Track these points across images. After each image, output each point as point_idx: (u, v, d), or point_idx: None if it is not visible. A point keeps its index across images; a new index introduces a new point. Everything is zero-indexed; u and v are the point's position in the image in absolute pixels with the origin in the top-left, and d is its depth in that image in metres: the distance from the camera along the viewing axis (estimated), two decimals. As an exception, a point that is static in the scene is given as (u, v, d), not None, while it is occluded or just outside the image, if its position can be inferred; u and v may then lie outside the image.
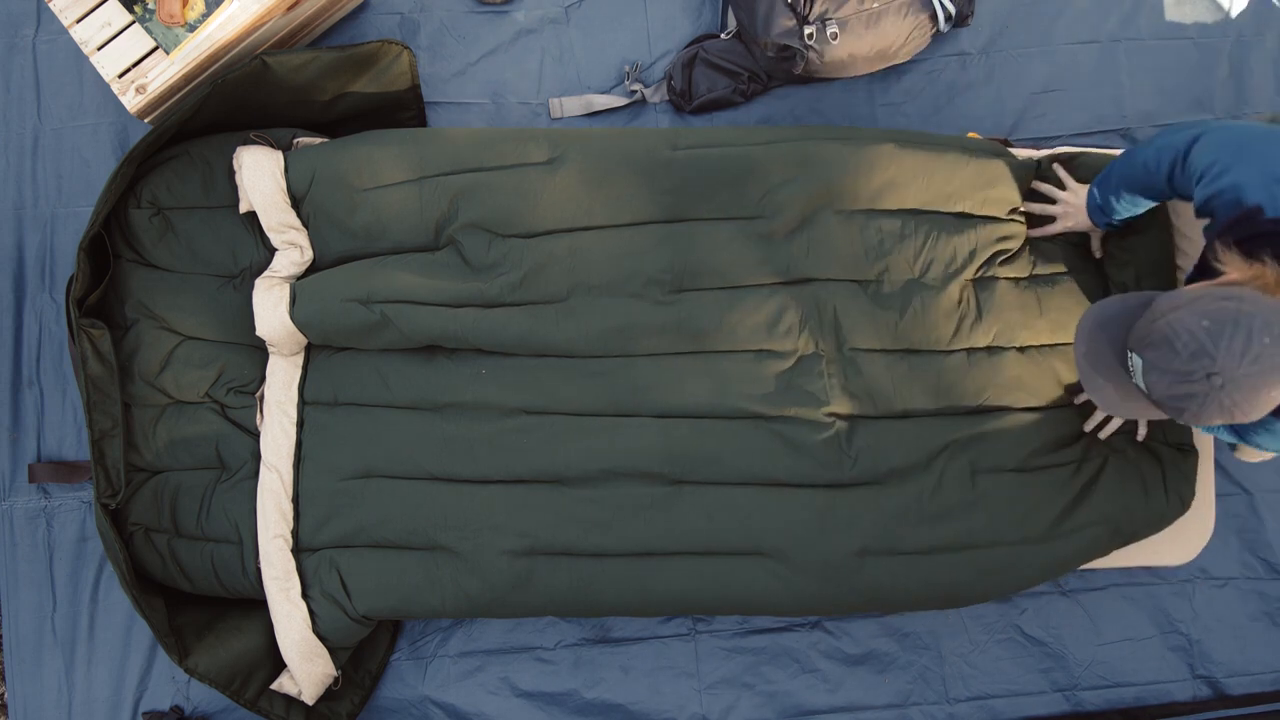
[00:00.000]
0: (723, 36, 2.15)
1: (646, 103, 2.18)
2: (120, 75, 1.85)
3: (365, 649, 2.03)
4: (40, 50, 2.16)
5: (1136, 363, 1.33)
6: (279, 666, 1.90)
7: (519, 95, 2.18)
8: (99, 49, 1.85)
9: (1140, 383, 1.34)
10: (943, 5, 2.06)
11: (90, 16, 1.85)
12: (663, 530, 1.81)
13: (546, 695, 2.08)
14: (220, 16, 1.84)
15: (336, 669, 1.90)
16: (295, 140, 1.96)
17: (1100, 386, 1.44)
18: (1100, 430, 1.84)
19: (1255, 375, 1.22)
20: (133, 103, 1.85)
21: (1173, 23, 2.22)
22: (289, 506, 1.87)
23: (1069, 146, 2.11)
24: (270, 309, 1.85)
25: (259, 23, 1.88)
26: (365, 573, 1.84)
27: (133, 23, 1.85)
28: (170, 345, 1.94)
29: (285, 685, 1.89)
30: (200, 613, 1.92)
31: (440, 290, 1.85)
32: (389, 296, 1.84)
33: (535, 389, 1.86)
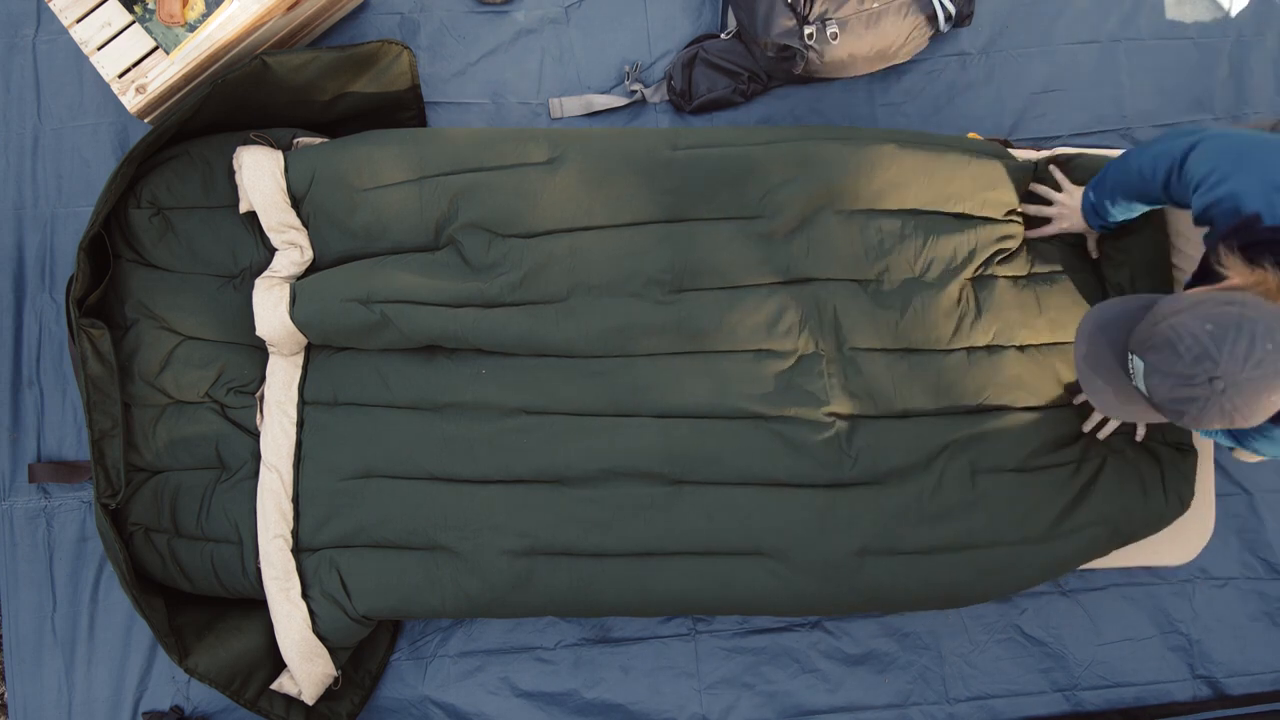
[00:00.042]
0: (723, 36, 2.15)
1: (646, 103, 2.18)
2: (120, 75, 1.85)
3: (365, 649, 2.03)
4: (40, 50, 2.16)
5: (1137, 365, 1.33)
6: (279, 666, 1.90)
7: (519, 95, 2.18)
8: (99, 49, 1.85)
9: (1141, 385, 1.34)
10: (943, 5, 2.06)
11: (90, 16, 1.85)
12: (663, 530, 1.81)
13: (546, 695, 2.08)
14: (220, 16, 1.84)
15: (336, 669, 1.90)
16: (295, 140, 1.96)
17: (1099, 389, 1.44)
18: (1099, 431, 1.84)
19: (1257, 380, 1.23)
20: (133, 103, 1.85)
21: (1173, 23, 2.22)
22: (289, 506, 1.87)
23: (1068, 146, 2.11)
24: (270, 309, 1.85)
25: (259, 23, 1.88)
26: (365, 573, 1.84)
27: (133, 23, 1.85)
28: (170, 345, 1.94)
29: (285, 685, 1.89)
30: (200, 613, 1.92)
31: (440, 290, 1.85)
32: (389, 296, 1.84)
33: (535, 389, 1.86)
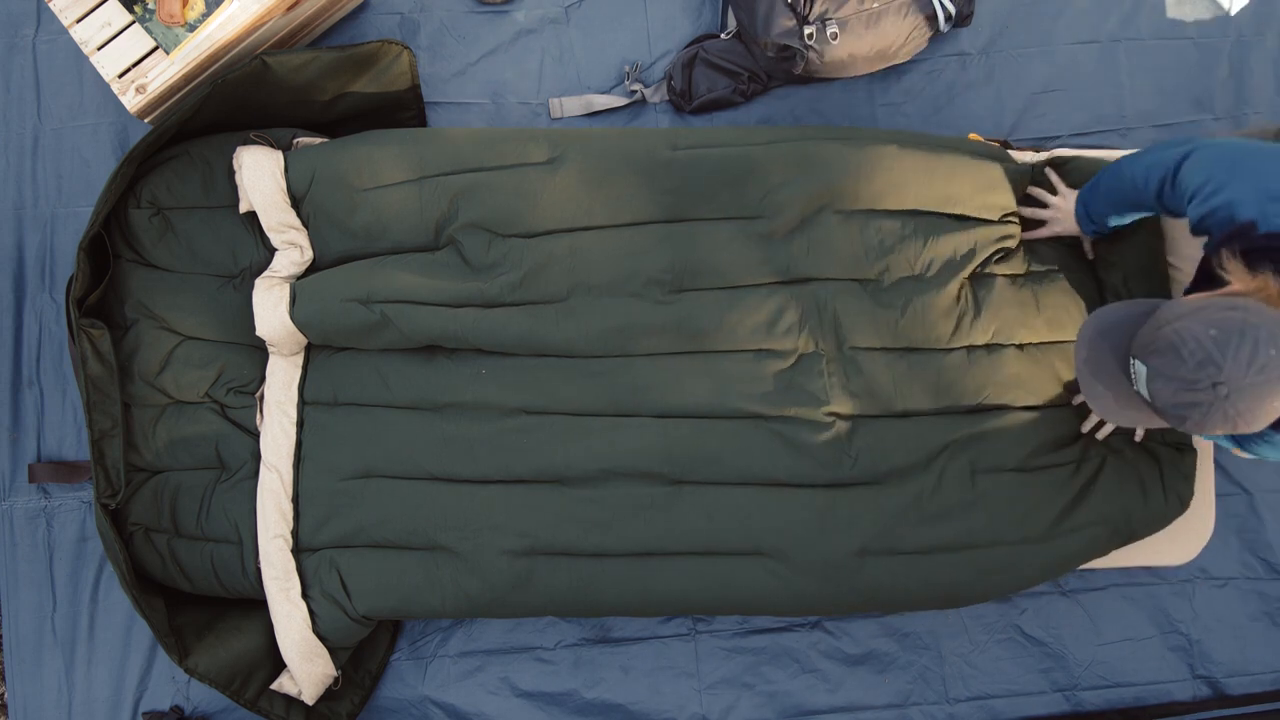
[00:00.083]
0: (723, 36, 2.15)
1: (646, 103, 2.18)
2: (120, 75, 1.85)
3: (365, 649, 2.03)
4: (40, 50, 2.16)
5: (1139, 370, 1.33)
6: (279, 666, 1.90)
7: (519, 95, 2.18)
8: (99, 49, 1.85)
9: (1142, 390, 1.34)
10: (943, 5, 2.06)
11: (90, 16, 1.85)
12: (663, 530, 1.81)
13: (546, 695, 2.08)
14: (220, 16, 1.84)
15: (336, 669, 1.90)
16: (295, 140, 1.96)
17: (1100, 394, 1.44)
18: (1098, 431, 1.84)
19: (1260, 385, 1.23)
20: (133, 103, 1.85)
21: (1173, 23, 2.22)
22: (289, 506, 1.87)
23: (1068, 146, 2.11)
24: (270, 309, 1.85)
25: (259, 23, 1.88)
26: (365, 573, 1.84)
27: (133, 23, 1.85)
28: (170, 345, 1.93)
29: (285, 685, 1.89)
30: (200, 613, 1.92)
31: (440, 290, 1.85)
32: (389, 296, 1.84)
33: (535, 389, 1.86)
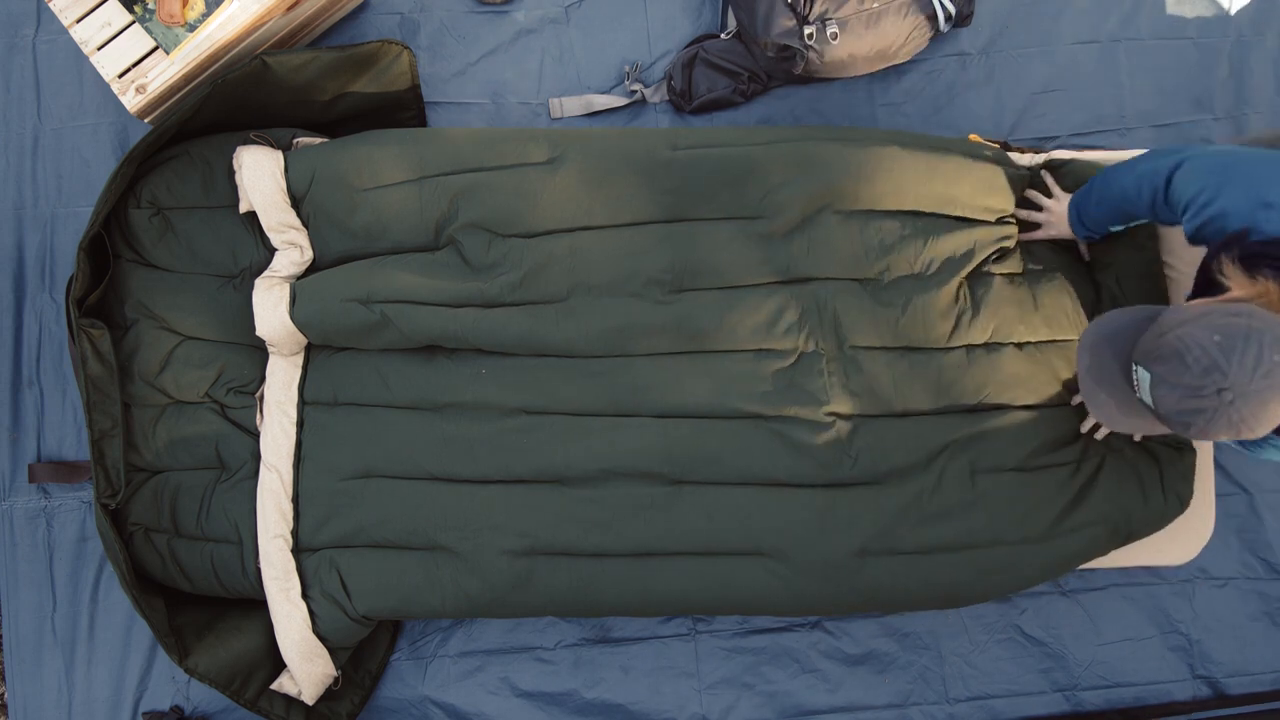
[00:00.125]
0: (723, 36, 2.15)
1: (646, 103, 2.18)
2: (120, 75, 1.85)
3: (365, 649, 2.03)
4: (40, 50, 2.16)
5: (1142, 377, 1.33)
6: (279, 666, 1.90)
7: (519, 95, 2.18)
8: (99, 49, 1.85)
9: (1146, 397, 1.34)
10: (943, 5, 2.06)
11: (90, 16, 1.85)
12: (663, 530, 1.81)
13: (546, 695, 2.08)
14: (220, 16, 1.84)
15: (336, 669, 1.90)
16: (295, 140, 1.96)
17: (1103, 402, 1.43)
18: (1097, 431, 1.84)
19: (1265, 391, 1.23)
20: (133, 103, 1.85)
21: (1173, 23, 2.22)
22: (289, 506, 1.87)
23: (1068, 147, 2.11)
24: (270, 309, 1.85)
25: (259, 23, 1.88)
26: (365, 573, 1.84)
27: (133, 23, 1.85)
28: (170, 345, 1.93)
29: (285, 685, 1.89)
30: (200, 613, 1.92)
31: (440, 290, 1.85)
32: (389, 296, 1.84)
33: (535, 389, 1.86)
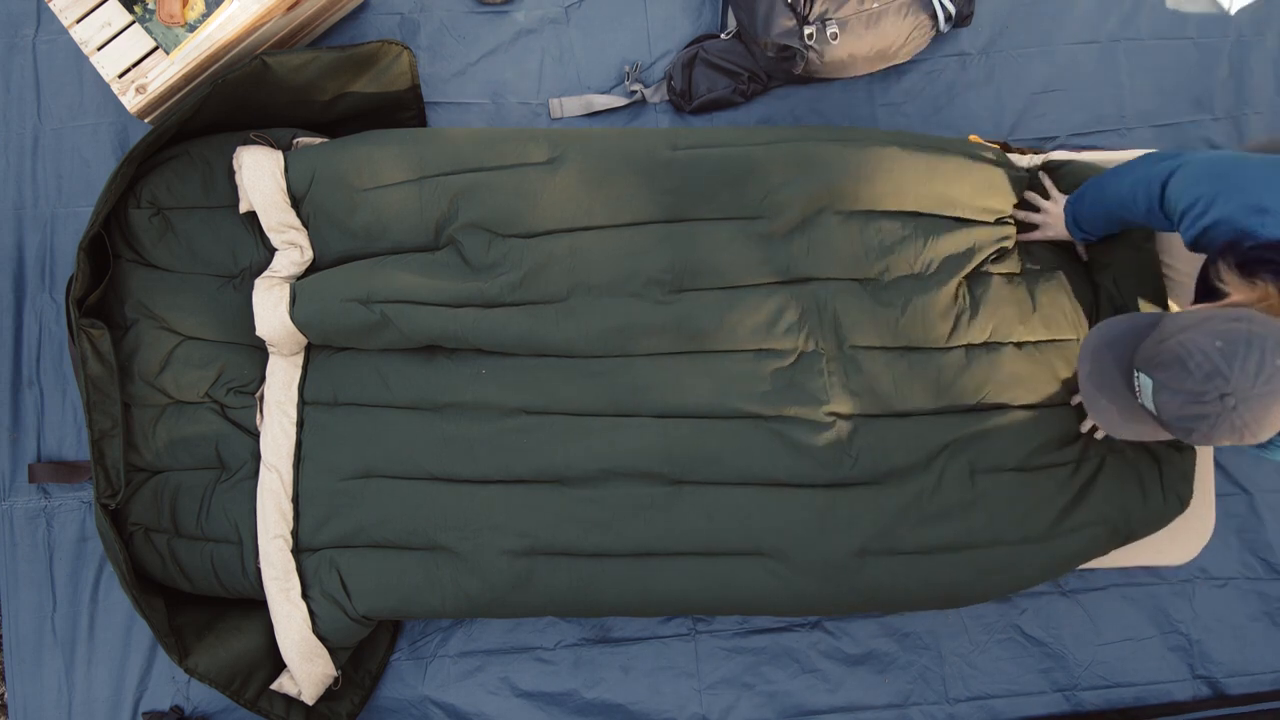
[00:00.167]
0: (723, 36, 2.15)
1: (646, 103, 2.18)
2: (120, 75, 1.85)
3: (365, 649, 2.03)
4: (40, 50, 2.16)
5: (1144, 383, 1.33)
6: (279, 666, 1.90)
7: (519, 95, 2.18)
8: (99, 49, 1.85)
9: (1148, 403, 1.34)
10: (943, 5, 2.06)
11: (90, 16, 1.85)
12: (663, 530, 1.81)
13: (546, 695, 2.08)
14: (220, 16, 1.84)
15: (336, 669, 1.90)
16: (295, 140, 1.96)
17: (1104, 408, 1.43)
18: (1097, 431, 1.84)
19: (1267, 395, 1.23)
20: (133, 103, 1.85)
21: (1173, 23, 2.22)
22: (289, 506, 1.87)
23: (1067, 147, 2.11)
24: (270, 309, 1.85)
25: (259, 23, 1.88)
26: (365, 573, 1.84)
27: (133, 23, 1.85)
28: (170, 345, 1.93)
29: (285, 685, 1.89)
30: (200, 613, 1.92)
31: (440, 290, 1.85)
32: (389, 296, 1.84)
33: (535, 389, 1.86)
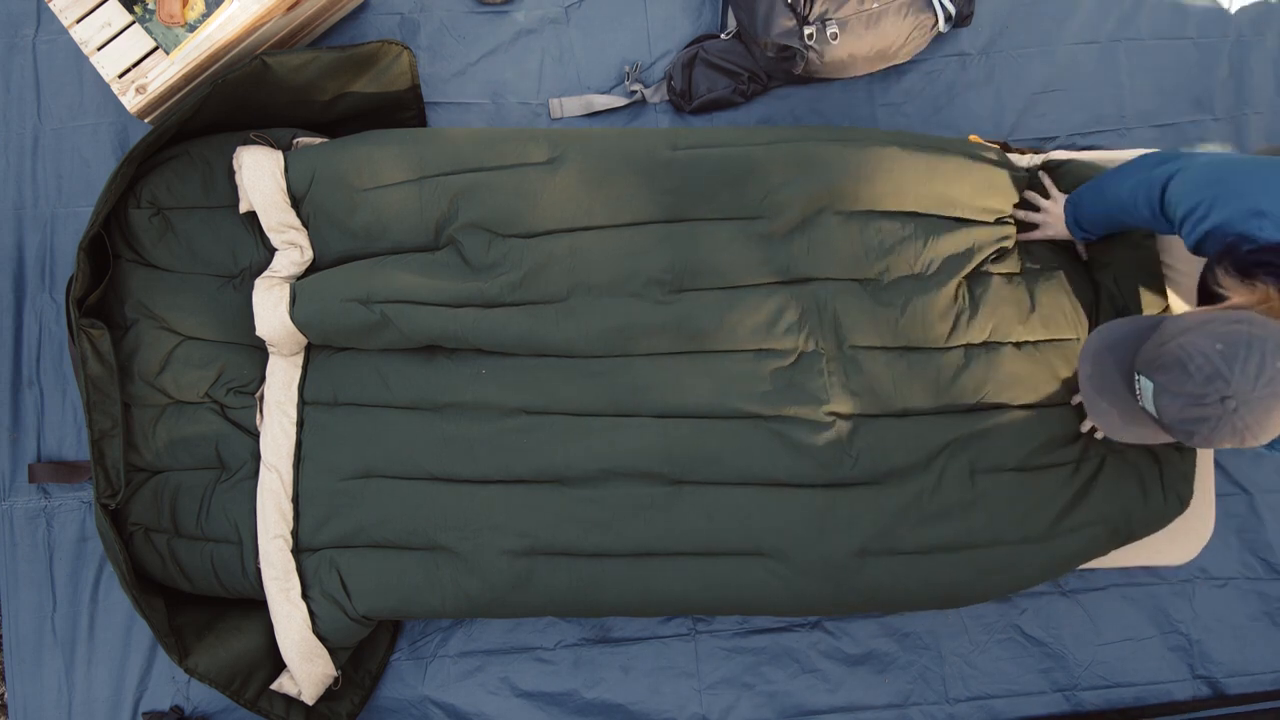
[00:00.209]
0: (723, 36, 2.15)
1: (646, 103, 2.18)
2: (120, 75, 1.85)
3: (365, 649, 2.03)
4: (40, 50, 2.16)
5: (1145, 386, 1.33)
6: (279, 666, 1.90)
7: (519, 95, 2.18)
8: (99, 49, 1.85)
9: (1149, 406, 1.34)
10: (943, 5, 2.06)
11: (90, 16, 1.85)
12: (663, 530, 1.81)
13: (546, 695, 2.08)
14: (220, 16, 1.84)
15: (336, 669, 1.90)
16: (295, 140, 1.96)
17: (1104, 410, 1.44)
18: (1097, 430, 1.84)
19: (1268, 398, 1.23)
20: (133, 103, 1.85)
21: (1173, 23, 2.22)
22: (289, 506, 1.87)
23: (1067, 147, 2.11)
24: (270, 309, 1.85)
25: (259, 23, 1.88)
26: (365, 573, 1.84)
27: (133, 23, 1.85)
28: (170, 345, 1.93)
29: (285, 685, 1.89)
30: (200, 613, 1.92)
31: (440, 290, 1.85)
32: (389, 296, 1.84)
33: (535, 389, 1.86)
